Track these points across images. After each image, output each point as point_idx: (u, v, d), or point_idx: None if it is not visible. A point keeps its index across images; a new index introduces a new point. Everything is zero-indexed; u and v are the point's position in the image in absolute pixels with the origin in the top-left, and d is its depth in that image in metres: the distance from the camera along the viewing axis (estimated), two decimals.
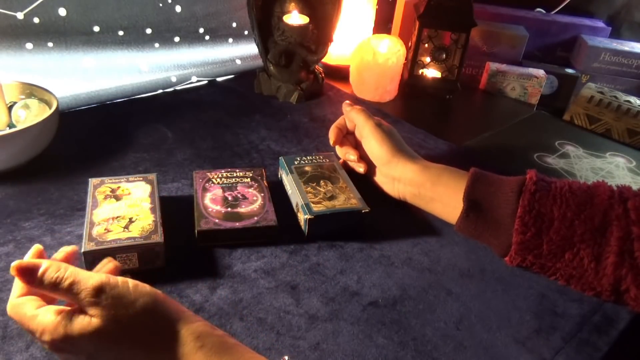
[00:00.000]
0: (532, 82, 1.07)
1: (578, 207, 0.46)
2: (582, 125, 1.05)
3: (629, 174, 0.83)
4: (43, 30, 0.79)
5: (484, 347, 0.49)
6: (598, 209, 0.46)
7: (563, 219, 0.46)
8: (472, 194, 0.51)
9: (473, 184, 0.52)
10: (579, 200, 0.47)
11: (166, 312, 0.37)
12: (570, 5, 1.31)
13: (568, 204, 0.46)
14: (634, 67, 1.18)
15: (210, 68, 1.00)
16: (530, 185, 0.48)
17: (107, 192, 0.57)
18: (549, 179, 0.50)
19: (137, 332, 0.35)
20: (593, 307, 0.54)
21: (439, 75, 1.04)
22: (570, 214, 0.46)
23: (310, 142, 0.81)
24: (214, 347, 0.36)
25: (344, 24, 0.97)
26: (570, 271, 0.47)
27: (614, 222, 0.45)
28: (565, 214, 0.46)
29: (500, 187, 0.50)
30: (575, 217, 0.46)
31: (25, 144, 0.64)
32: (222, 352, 0.36)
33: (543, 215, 0.47)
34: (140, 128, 0.80)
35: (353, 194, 0.62)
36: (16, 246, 0.54)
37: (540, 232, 0.47)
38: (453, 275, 0.57)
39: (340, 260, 0.58)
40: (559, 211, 0.46)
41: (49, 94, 0.70)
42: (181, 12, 0.93)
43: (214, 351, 0.36)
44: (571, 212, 0.46)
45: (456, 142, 0.86)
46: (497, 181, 0.51)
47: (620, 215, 0.45)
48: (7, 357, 0.43)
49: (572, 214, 0.46)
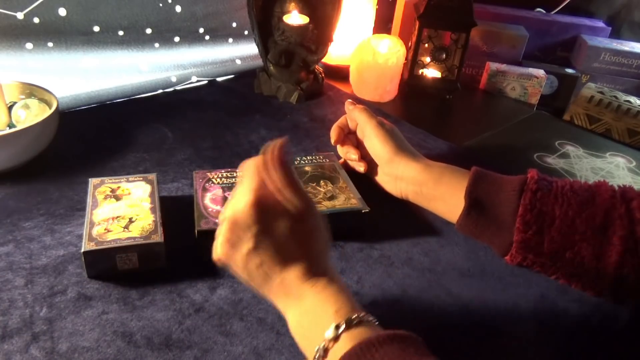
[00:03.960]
0: (532, 82, 1.07)
1: (579, 206, 0.46)
2: (582, 125, 1.05)
3: (629, 174, 0.83)
4: (43, 30, 0.79)
5: (484, 347, 0.49)
6: (600, 208, 0.46)
7: (564, 217, 0.46)
8: (473, 193, 0.51)
9: (475, 183, 0.52)
10: (580, 199, 0.46)
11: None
12: (570, 5, 1.31)
13: (569, 203, 0.46)
14: (634, 67, 1.18)
15: (210, 68, 1.00)
16: (532, 184, 0.48)
17: (107, 192, 0.58)
18: (550, 178, 0.50)
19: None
20: (593, 307, 0.54)
21: (439, 75, 1.04)
22: (571, 212, 0.46)
23: (310, 142, 0.81)
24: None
25: (344, 24, 0.97)
26: (571, 270, 0.47)
27: (616, 221, 0.45)
28: (566, 213, 0.46)
29: (502, 186, 0.50)
30: (576, 215, 0.46)
31: (25, 144, 0.64)
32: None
33: (544, 214, 0.47)
34: (140, 128, 0.80)
35: (353, 194, 0.62)
36: (16, 246, 0.54)
37: (542, 231, 0.46)
38: (453, 275, 0.57)
39: (340, 260, 0.57)
40: (560, 210, 0.46)
41: (49, 94, 0.70)
42: (181, 12, 0.93)
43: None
44: (572, 211, 0.46)
45: (456, 142, 0.86)
46: (499, 180, 0.51)
47: (622, 215, 0.45)
48: (7, 357, 0.43)
49: (574, 213, 0.46)
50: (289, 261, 0.40)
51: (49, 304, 0.48)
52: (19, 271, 0.51)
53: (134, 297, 0.50)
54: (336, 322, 0.36)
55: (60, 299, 0.49)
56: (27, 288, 0.50)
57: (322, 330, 0.37)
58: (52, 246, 0.55)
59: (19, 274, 0.51)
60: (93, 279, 0.51)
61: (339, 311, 0.38)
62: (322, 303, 0.39)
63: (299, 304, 0.40)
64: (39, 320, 0.46)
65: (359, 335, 0.35)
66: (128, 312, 0.48)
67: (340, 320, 0.37)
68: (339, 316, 0.37)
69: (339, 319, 0.37)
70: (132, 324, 0.47)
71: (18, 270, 0.52)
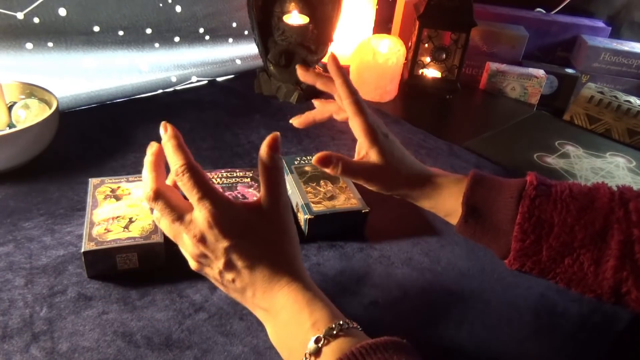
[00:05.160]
0: (532, 82, 1.07)
1: (578, 211, 0.46)
2: (582, 125, 1.05)
3: (629, 174, 0.83)
4: (43, 30, 0.79)
5: (484, 347, 0.49)
6: (599, 213, 0.45)
7: (563, 225, 0.46)
8: (471, 199, 0.50)
9: (472, 188, 0.51)
10: (579, 204, 0.46)
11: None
12: (570, 5, 1.31)
13: (568, 209, 0.46)
14: (634, 67, 1.18)
15: (210, 68, 1.00)
16: (530, 190, 0.47)
17: (107, 192, 0.58)
18: (549, 182, 0.49)
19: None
20: (593, 307, 0.54)
21: (439, 75, 1.04)
22: (570, 219, 0.46)
23: (310, 142, 0.81)
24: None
25: (344, 24, 0.97)
26: (569, 275, 0.46)
27: (615, 226, 0.45)
28: (565, 220, 0.46)
29: (500, 192, 0.49)
30: (575, 222, 0.45)
31: (25, 144, 0.64)
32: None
33: (543, 221, 0.46)
34: (140, 128, 0.80)
35: (353, 194, 0.62)
36: (16, 246, 0.54)
37: (540, 239, 0.46)
38: (453, 275, 0.57)
39: (340, 260, 0.57)
40: (559, 217, 0.46)
41: (49, 94, 0.70)
42: (181, 12, 0.93)
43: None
44: (571, 218, 0.46)
45: (456, 142, 0.86)
46: (497, 185, 0.50)
47: (620, 219, 0.45)
48: (7, 357, 0.43)
49: (573, 220, 0.45)
50: (259, 272, 0.39)
51: (49, 304, 0.48)
52: (19, 271, 0.51)
53: (134, 297, 0.50)
54: (315, 336, 0.36)
55: (60, 299, 0.49)
56: (27, 288, 0.50)
57: (302, 344, 0.36)
58: (52, 246, 0.55)
59: (19, 274, 0.51)
60: (93, 279, 0.51)
61: (316, 323, 0.37)
62: (298, 314, 0.38)
63: (276, 317, 0.39)
64: (39, 320, 0.46)
65: (339, 348, 0.35)
66: (128, 312, 0.48)
67: (319, 332, 0.36)
68: (316, 329, 0.37)
69: (317, 331, 0.36)
70: (132, 324, 0.47)
71: (18, 270, 0.52)
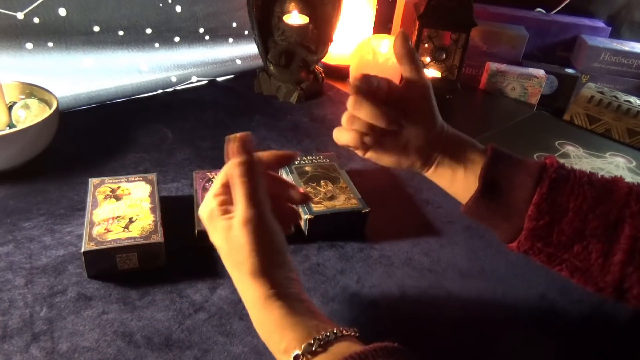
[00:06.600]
0: (532, 82, 1.07)
1: (595, 200, 0.45)
2: (582, 125, 1.04)
3: (629, 174, 0.83)
4: (43, 30, 0.79)
5: (484, 347, 0.49)
6: (615, 205, 0.45)
7: (578, 211, 0.45)
8: (489, 173, 0.49)
9: (491, 163, 0.49)
10: (596, 193, 0.46)
11: None
12: (570, 5, 1.31)
13: (585, 196, 0.46)
14: (634, 67, 1.18)
15: (210, 68, 1.00)
16: (551, 172, 0.47)
17: (107, 192, 0.58)
18: (568, 167, 0.48)
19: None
20: (593, 307, 0.54)
21: (439, 75, 1.04)
22: (585, 206, 0.45)
23: (310, 142, 0.81)
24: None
25: (344, 24, 0.97)
26: (576, 263, 0.46)
27: (627, 220, 0.44)
28: (581, 206, 0.45)
29: (519, 170, 0.48)
30: (590, 210, 0.45)
31: (25, 144, 0.64)
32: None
33: (559, 204, 0.46)
34: (140, 128, 0.80)
35: (353, 194, 0.62)
36: (16, 246, 0.54)
37: (553, 222, 0.46)
38: (453, 275, 0.57)
39: (340, 260, 0.58)
40: (575, 202, 0.45)
41: (49, 94, 0.70)
42: (181, 12, 0.93)
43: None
44: (587, 205, 0.45)
45: None
46: (516, 163, 0.49)
47: (634, 213, 0.44)
48: (7, 357, 0.43)
49: (588, 207, 0.45)
50: (233, 276, 0.40)
51: (49, 304, 0.48)
52: (19, 271, 0.51)
53: (134, 297, 0.50)
54: (294, 353, 0.35)
55: (60, 299, 0.49)
56: (27, 288, 0.50)
57: (286, 354, 0.36)
58: (52, 246, 0.55)
59: (19, 274, 0.51)
60: (93, 279, 0.51)
61: (287, 350, 0.36)
62: (268, 336, 0.38)
63: (258, 321, 0.39)
64: (39, 320, 0.46)
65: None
66: (128, 312, 0.48)
67: (295, 350, 0.35)
68: (288, 355, 0.36)
69: (298, 347, 0.36)
70: (132, 324, 0.47)
71: (18, 270, 0.52)
